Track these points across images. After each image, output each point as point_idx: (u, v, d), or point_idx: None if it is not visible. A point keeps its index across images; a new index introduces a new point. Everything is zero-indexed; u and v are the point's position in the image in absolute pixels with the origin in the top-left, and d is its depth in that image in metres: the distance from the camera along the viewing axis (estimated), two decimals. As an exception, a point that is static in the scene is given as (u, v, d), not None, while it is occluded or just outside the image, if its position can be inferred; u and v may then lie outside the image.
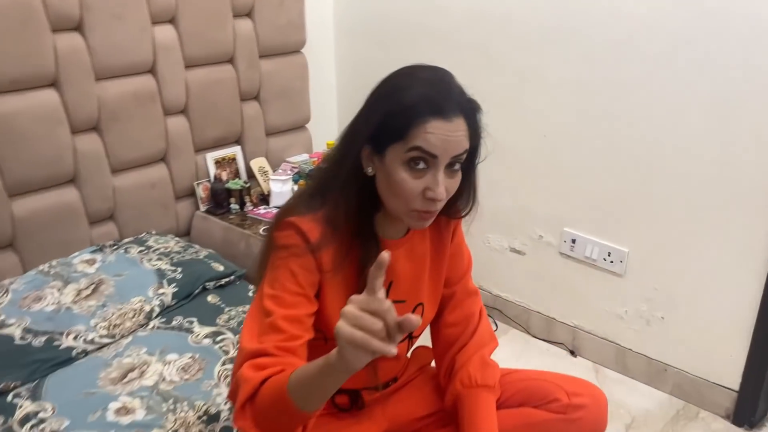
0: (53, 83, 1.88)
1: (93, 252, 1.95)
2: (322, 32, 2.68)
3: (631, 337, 2.23)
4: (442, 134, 0.98)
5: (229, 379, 1.52)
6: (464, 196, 1.15)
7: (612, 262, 2.18)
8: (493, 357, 1.32)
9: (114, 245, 2.03)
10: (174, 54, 2.11)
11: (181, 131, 2.21)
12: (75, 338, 1.62)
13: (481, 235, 2.53)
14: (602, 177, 2.13)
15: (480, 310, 1.32)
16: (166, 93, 2.12)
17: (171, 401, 1.45)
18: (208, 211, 2.30)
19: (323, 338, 1.11)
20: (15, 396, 1.45)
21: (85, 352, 1.60)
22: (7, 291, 1.74)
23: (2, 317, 1.65)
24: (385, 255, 0.80)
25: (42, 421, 1.38)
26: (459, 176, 1.04)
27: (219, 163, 2.33)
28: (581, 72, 2.07)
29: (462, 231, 1.29)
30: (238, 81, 2.32)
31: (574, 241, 2.26)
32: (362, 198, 1.06)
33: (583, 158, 2.15)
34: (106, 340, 1.64)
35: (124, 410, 1.42)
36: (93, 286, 1.79)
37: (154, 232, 2.15)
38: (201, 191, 2.30)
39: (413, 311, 1.21)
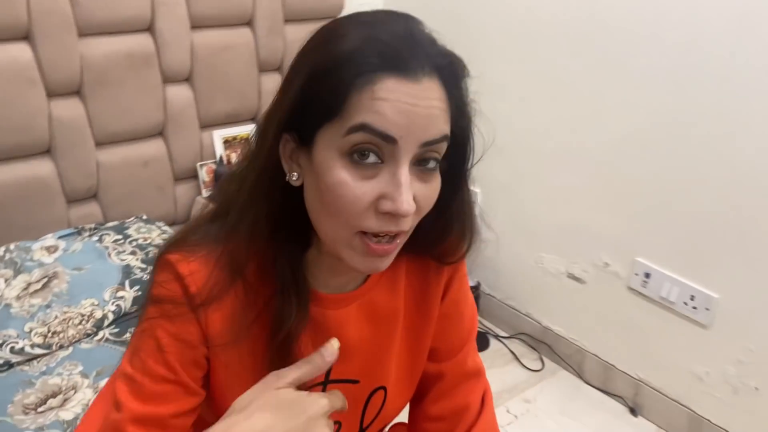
0: (25, 36, 1.60)
1: (61, 237, 1.67)
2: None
3: (710, 405, 1.75)
4: (404, 101, 0.58)
5: None
6: (455, 222, 0.73)
7: (695, 308, 1.71)
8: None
9: (95, 229, 1.75)
10: (177, 10, 1.79)
11: (184, 103, 1.89)
12: (0, 346, 1.33)
13: (533, 252, 2.09)
14: (693, 199, 1.65)
15: (483, 399, 0.87)
16: (166, 57, 1.81)
17: (83, 447, 1.14)
18: (211, 197, 1.98)
19: None
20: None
21: (9, 365, 1.32)
22: (-50, 276, 1.49)
23: (-70, 309, 1.40)
24: (333, 346, 0.62)
25: None
26: (437, 181, 0.64)
27: (229, 142, 2.01)
28: (678, 64, 1.59)
29: (465, 280, 0.85)
30: (256, 48, 1.98)
31: (647, 275, 1.79)
32: (280, 221, 0.66)
33: (670, 172, 1.68)
34: (38, 351, 1.35)
35: (23, 453, 1.12)
36: (45, 280, 1.51)
37: (144, 217, 1.86)
38: (204, 174, 1.98)
39: (369, 398, 0.80)
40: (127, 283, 1.53)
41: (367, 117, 0.58)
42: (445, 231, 0.73)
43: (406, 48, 0.59)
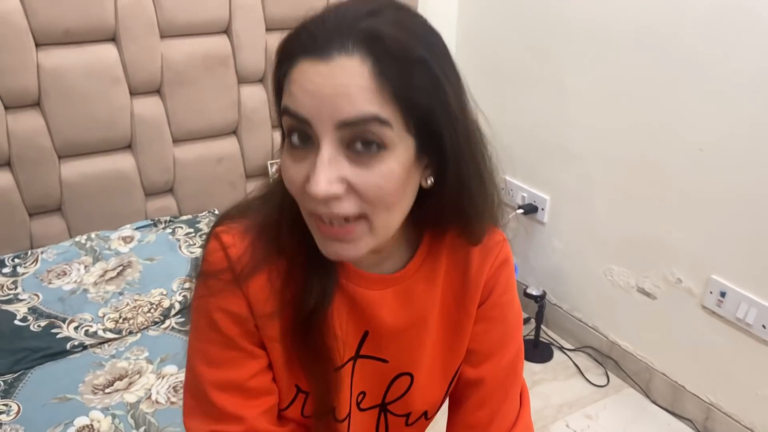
0: (112, 38, 1.70)
1: (137, 228, 1.76)
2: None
3: (788, 437, 1.64)
4: (311, 80, 0.57)
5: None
6: (461, 203, 0.69)
7: (774, 332, 1.60)
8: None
9: (169, 221, 1.84)
10: (254, 13, 1.84)
11: (257, 103, 1.95)
12: (76, 328, 1.43)
13: (602, 264, 2.02)
14: (775, 216, 1.55)
15: (518, 419, 0.84)
16: (242, 58, 1.87)
17: (143, 429, 1.20)
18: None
19: None
20: (-15, 391, 1.29)
21: (83, 346, 1.41)
22: (37, 260, 1.61)
23: (18, 290, 1.51)
24: None
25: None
26: (386, 166, 0.60)
27: (299, 142, 2.06)
28: (761, 71, 1.50)
29: (511, 284, 0.82)
30: (328, 50, 2.01)
31: (723, 294, 1.69)
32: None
33: (752, 186, 1.58)
34: (109, 335, 1.44)
35: (88, 430, 1.19)
36: (120, 268, 1.60)
37: (216, 212, 1.93)
38: (274, 171, 2.04)
39: (394, 380, 0.80)
40: (194, 275, 1.60)
41: (285, 100, 0.60)
42: (457, 209, 0.69)
43: (324, 29, 0.59)
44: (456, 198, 0.68)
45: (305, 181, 0.60)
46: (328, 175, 0.58)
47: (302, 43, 0.59)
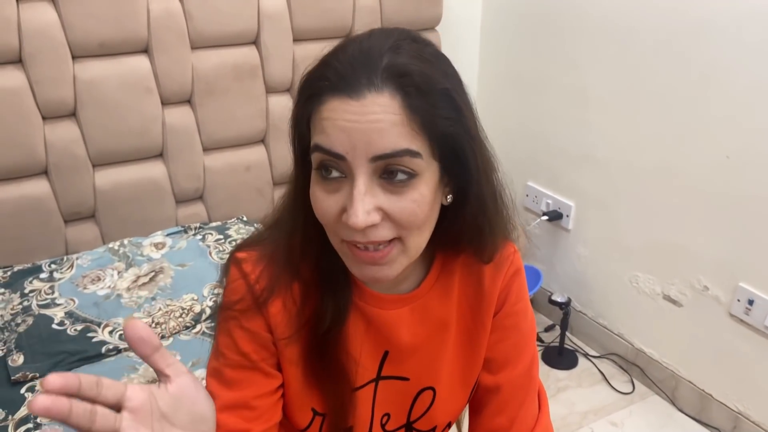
0: (145, 50, 1.74)
1: (169, 235, 1.80)
2: (466, 7, 2.31)
3: (818, 447, 1.62)
4: (344, 119, 0.60)
5: None
6: (475, 223, 0.72)
7: (803, 340, 1.59)
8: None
9: (199, 228, 1.88)
10: (281, 24, 1.88)
11: (285, 112, 1.98)
12: (111, 332, 1.46)
13: (627, 271, 2.02)
14: (804, 224, 1.54)
15: (537, 422, 0.85)
16: (270, 68, 1.91)
17: (176, 432, 1.23)
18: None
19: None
20: (29, 389, 1.33)
21: (117, 350, 1.44)
22: (72, 266, 1.66)
23: (55, 295, 1.56)
24: (134, 325, 0.59)
25: (38, 426, 1.23)
26: (419, 193, 0.63)
27: (325, 150, 2.09)
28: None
29: (523, 292, 0.84)
30: (354, 59, 2.04)
31: (751, 302, 1.69)
32: (315, 232, 0.71)
33: (779, 195, 1.57)
34: (143, 340, 1.47)
35: (124, 432, 1.23)
36: (152, 274, 1.64)
37: (244, 219, 1.97)
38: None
39: (417, 396, 0.82)
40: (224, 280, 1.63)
41: (317, 138, 0.63)
42: (471, 230, 0.73)
43: (352, 68, 0.61)
44: (474, 214, 0.71)
45: (340, 211, 0.63)
46: (366, 206, 0.61)
47: (330, 81, 0.61)
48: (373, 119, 0.60)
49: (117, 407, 0.58)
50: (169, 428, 0.61)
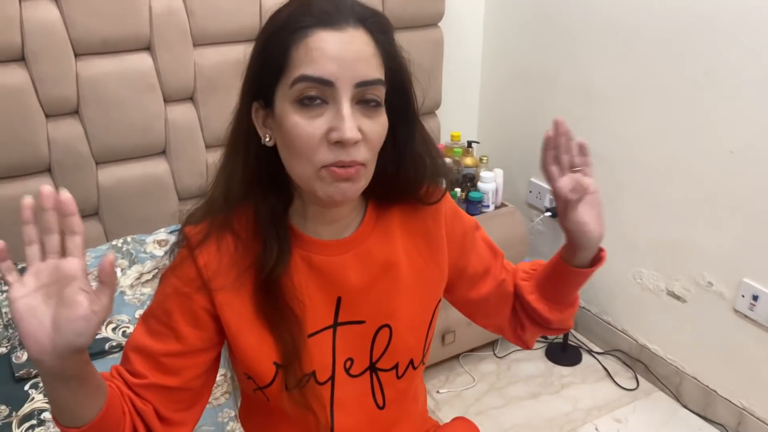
0: (147, 47, 1.74)
1: (171, 232, 1.80)
2: (469, 3, 2.30)
3: (823, 443, 1.61)
4: (334, 48, 0.69)
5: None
6: (420, 162, 0.83)
7: (808, 336, 1.58)
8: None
9: (202, 225, 1.88)
10: (283, 21, 1.88)
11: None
12: (114, 329, 1.47)
13: (631, 267, 2.02)
14: (809, 219, 1.53)
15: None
16: (272, 65, 1.90)
17: (179, 428, 1.23)
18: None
19: (256, 387, 0.84)
20: (33, 386, 1.34)
21: (120, 347, 1.45)
22: (76, 263, 1.66)
23: (58, 292, 1.56)
24: (43, 190, 0.63)
25: (42, 423, 1.24)
26: (383, 118, 0.74)
27: (327, 147, 2.09)
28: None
29: (459, 213, 0.94)
30: (357, 56, 2.04)
31: (755, 297, 1.68)
32: (257, 178, 0.77)
33: (784, 190, 1.57)
34: (146, 336, 1.48)
35: (127, 428, 1.23)
36: (155, 271, 1.64)
37: (247, 216, 1.97)
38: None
39: (375, 337, 0.87)
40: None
41: (304, 68, 0.69)
42: (413, 172, 0.82)
43: (333, 6, 0.71)
44: (410, 156, 0.80)
45: (324, 134, 0.70)
46: (354, 123, 0.70)
47: (315, 16, 0.70)
48: (357, 49, 0.70)
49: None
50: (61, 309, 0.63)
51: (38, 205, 0.62)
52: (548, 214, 2.21)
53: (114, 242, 1.74)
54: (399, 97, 0.77)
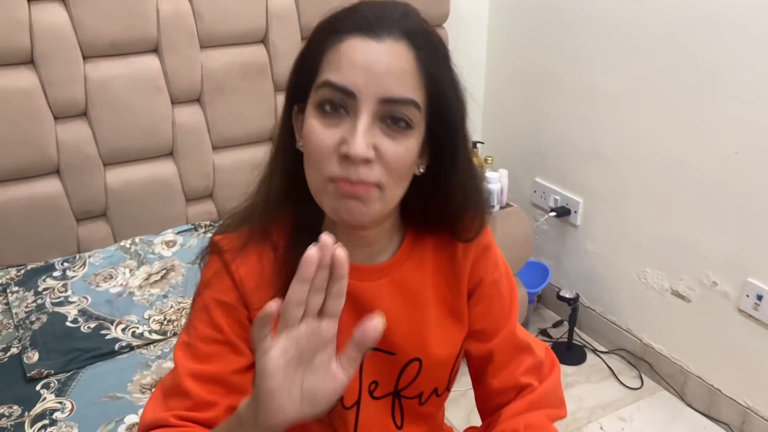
0: (155, 49, 1.76)
1: (179, 233, 1.82)
2: (473, 3, 2.31)
3: (827, 442, 1.62)
4: (364, 57, 0.65)
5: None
6: (460, 197, 0.77)
7: (812, 336, 1.59)
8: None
9: (209, 226, 1.89)
10: (289, 23, 1.89)
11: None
12: (124, 330, 1.48)
13: (636, 266, 2.03)
14: (813, 219, 1.54)
15: (539, 372, 0.89)
16: (278, 67, 1.92)
17: (189, 427, 1.25)
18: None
19: None
20: (44, 386, 1.35)
21: (130, 347, 1.46)
22: (85, 264, 1.67)
23: (68, 293, 1.58)
24: (325, 241, 0.55)
25: (54, 422, 1.25)
26: (411, 143, 0.68)
27: (333, 147, 2.10)
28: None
29: (497, 259, 0.88)
30: (362, 57, 2.05)
31: (760, 297, 1.69)
32: (295, 187, 0.73)
33: (788, 190, 1.57)
34: (155, 336, 1.49)
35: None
36: (163, 272, 1.65)
37: (254, 217, 1.98)
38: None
39: (404, 368, 0.84)
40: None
41: (330, 74, 0.66)
42: (451, 206, 0.77)
43: (376, 15, 0.67)
44: (449, 191, 0.75)
45: (336, 144, 0.66)
46: (367, 139, 0.65)
47: (355, 22, 0.66)
48: (390, 63, 0.65)
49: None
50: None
51: (320, 259, 0.55)
52: (553, 214, 2.22)
53: (122, 243, 1.76)
54: (440, 126, 0.70)
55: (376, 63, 0.64)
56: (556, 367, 0.92)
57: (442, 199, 0.76)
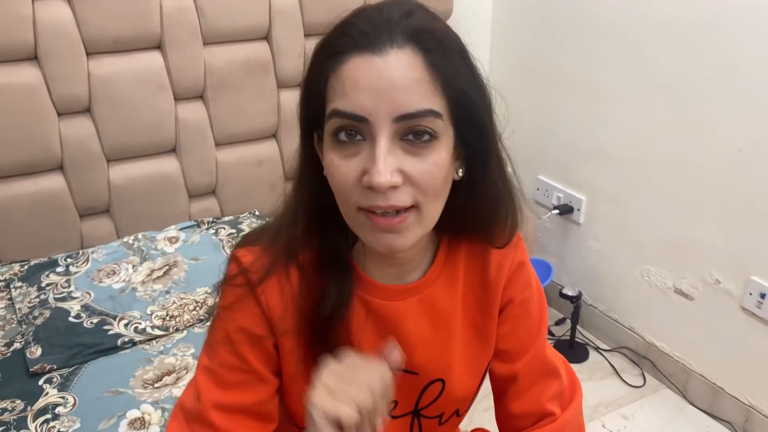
0: (158, 45, 1.76)
1: (182, 229, 1.82)
2: (477, 0, 2.31)
3: (830, 440, 1.62)
4: (367, 77, 0.59)
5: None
6: (493, 202, 0.72)
7: (816, 334, 1.58)
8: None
9: (212, 222, 1.89)
10: (292, 19, 1.89)
11: (295, 107, 1.99)
12: (126, 325, 1.49)
13: (639, 265, 2.02)
14: (817, 217, 1.53)
15: (561, 398, 0.87)
16: (281, 63, 1.92)
17: (191, 423, 1.25)
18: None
19: (295, 426, 0.81)
20: (47, 381, 1.35)
21: (132, 342, 1.46)
22: (88, 260, 1.68)
23: (71, 288, 1.58)
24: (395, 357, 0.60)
25: (56, 417, 1.25)
26: (439, 155, 0.63)
27: (336, 144, 2.10)
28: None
29: (531, 277, 0.84)
30: (365, 54, 2.05)
31: (763, 296, 1.68)
32: (321, 211, 0.70)
33: (792, 188, 1.57)
34: (157, 332, 1.49)
35: (140, 423, 1.25)
36: (166, 268, 1.66)
37: (257, 213, 1.99)
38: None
39: (425, 389, 0.82)
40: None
41: (337, 102, 0.61)
42: (484, 211, 0.72)
43: (374, 25, 0.60)
44: (486, 190, 0.70)
45: (360, 175, 0.62)
46: (390, 166, 0.60)
47: (353, 39, 0.60)
48: (397, 76, 0.59)
49: None
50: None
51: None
52: (556, 211, 2.22)
53: (125, 239, 1.76)
54: (468, 128, 0.65)
55: (381, 80, 0.59)
56: (578, 393, 0.89)
57: (479, 200, 0.71)
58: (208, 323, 0.78)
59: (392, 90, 0.59)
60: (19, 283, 1.62)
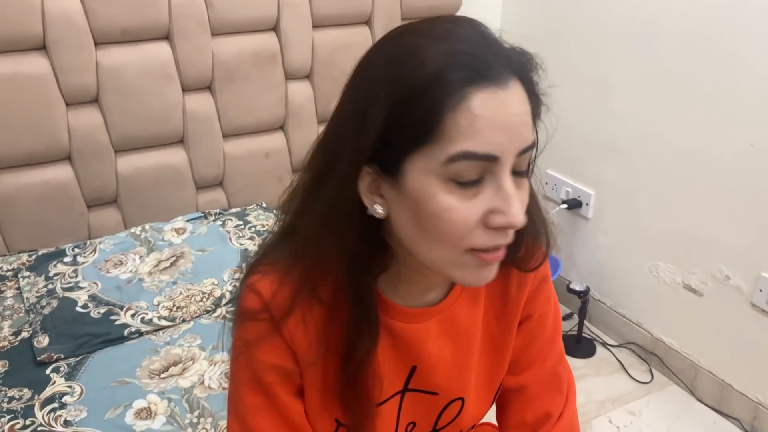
0: (166, 36, 1.76)
1: (189, 220, 1.82)
2: (487, -5, 2.30)
3: (839, 438, 1.60)
4: (500, 113, 0.55)
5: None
6: (530, 225, 0.67)
7: (826, 331, 1.57)
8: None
9: (219, 214, 1.89)
10: (301, 10, 1.88)
11: (304, 99, 1.99)
12: (133, 316, 1.49)
13: (647, 260, 2.01)
14: (830, 213, 1.51)
15: (562, 415, 0.86)
16: (289, 55, 1.91)
17: (197, 413, 1.25)
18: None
19: None
20: (54, 370, 1.36)
21: (139, 333, 1.47)
22: (95, 250, 1.68)
23: (78, 278, 1.58)
24: None
25: (63, 406, 1.26)
26: (528, 186, 0.62)
27: (344, 137, 2.09)
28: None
29: (550, 294, 0.82)
30: (374, 46, 2.04)
31: (773, 292, 1.67)
32: (355, 249, 0.63)
33: (804, 183, 1.55)
34: (164, 323, 1.49)
35: (146, 412, 1.25)
36: (173, 259, 1.66)
37: (264, 205, 1.99)
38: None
39: (444, 408, 0.80)
40: (244, 266, 1.65)
41: (467, 143, 0.55)
42: (521, 235, 0.68)
43: (487, 53, 0.56)
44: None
45: (484, 216, 0.58)
46: (522, 205, 0.59)
47: (473, 69, 0.54)
48: (521, 110, 0.57)
49: None
50: None
51: None
52: (564, 206, 2.20)
53: (132, 230, 1.77)
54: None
55: (511, 115, 0.55)
56: (572, 395, 0.89)
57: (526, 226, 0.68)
58: (222, 312, 0.76)
59: (519, 124, 0.57)
60: (27, 273, 1.62)
